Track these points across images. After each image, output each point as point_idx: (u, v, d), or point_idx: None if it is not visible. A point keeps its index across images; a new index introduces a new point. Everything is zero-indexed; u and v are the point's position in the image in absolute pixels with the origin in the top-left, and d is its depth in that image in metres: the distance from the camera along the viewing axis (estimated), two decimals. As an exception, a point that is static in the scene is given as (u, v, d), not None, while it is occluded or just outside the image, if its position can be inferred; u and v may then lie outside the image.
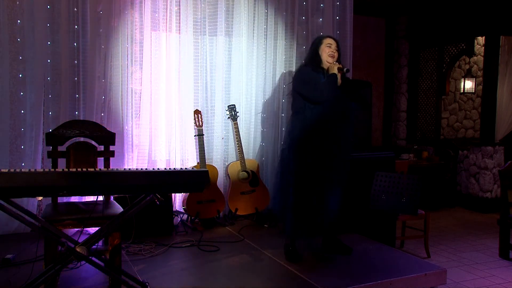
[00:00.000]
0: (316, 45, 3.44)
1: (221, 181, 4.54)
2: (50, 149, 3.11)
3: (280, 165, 3.49)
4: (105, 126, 3.50)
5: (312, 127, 3.26)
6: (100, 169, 2.43)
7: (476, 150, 6.01)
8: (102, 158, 3.24)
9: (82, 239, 2.52)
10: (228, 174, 4.48)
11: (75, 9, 3.98)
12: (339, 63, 3.38)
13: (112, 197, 3.32)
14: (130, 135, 4.27)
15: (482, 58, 6.87)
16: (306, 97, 3.30)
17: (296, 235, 3.38)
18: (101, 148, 3.27)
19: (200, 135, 4.25)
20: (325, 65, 3.38)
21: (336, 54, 3.40)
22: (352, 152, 3.56)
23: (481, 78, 6.90)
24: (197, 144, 4.29)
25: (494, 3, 5.68)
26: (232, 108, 4.47)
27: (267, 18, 4.72)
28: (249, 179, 4.47)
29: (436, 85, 6.65)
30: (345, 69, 3.32)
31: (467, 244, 4.52)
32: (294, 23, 4.81)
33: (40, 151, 3.95)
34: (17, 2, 3.83)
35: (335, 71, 3.29)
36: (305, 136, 3.26)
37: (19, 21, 3.84)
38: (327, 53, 3.36)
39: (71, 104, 4.03)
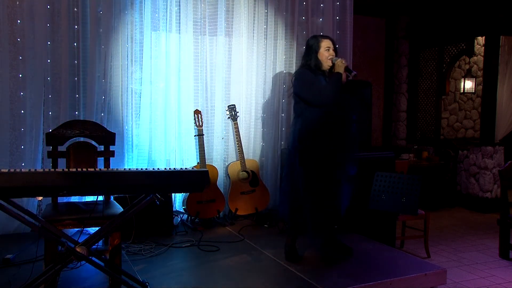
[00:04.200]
0: (314, 49, 3.35)
1: (221, 181, 4.54)
2: (50, 149, 3.12)
3: (287, 168, 3.46)
4: (105, 126, 3.50)
5: (314, 128, 3.23)
6: (100, 169, 2.44)
7: (476, 150, 6.00)
8: (102, 158, 3.24)
9: (82, 239, 2.53)
10: (228, 174, 4.48)
11: (75, 9, 3.98)
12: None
13: (112, 197, 3.32)
14: (130, 135, 4.27)
15: (482, 58, 6.86)
16: (308, 100, 3.25)
17: (315, 236, 3.34)
18: (101, 148, 3.27)
19: (200, 135, 4.25)
20: (325, 67, 3.33)
21: (334, 55, 3.36)
22: (358, 150, 3.53)
23: (481, 78, 6.90)
24: (197, 144, 4.29)
25: (494, 3, 5.68)
26: (232, 108, 4.47)
27: (267, 18, 4.72)
28: (249, 179, 4.47)
29: (436, 85, 6.65)
30: (352, 74, 3.24)
31: (467, 244, 4.52)
32: (294, 23, 4.80)
33: (40, 151, 3.95)
34: (17, 2, 3.83)
35: (341, 70, 3.23)
36: (309, 138, 3.24)
37: (19, 21, 3.84)
38: (327, 57, 3.31)
39: (71, 104, 4.03)
